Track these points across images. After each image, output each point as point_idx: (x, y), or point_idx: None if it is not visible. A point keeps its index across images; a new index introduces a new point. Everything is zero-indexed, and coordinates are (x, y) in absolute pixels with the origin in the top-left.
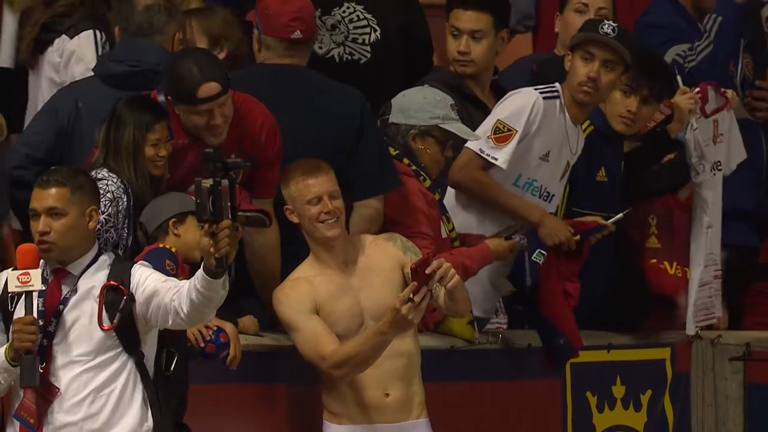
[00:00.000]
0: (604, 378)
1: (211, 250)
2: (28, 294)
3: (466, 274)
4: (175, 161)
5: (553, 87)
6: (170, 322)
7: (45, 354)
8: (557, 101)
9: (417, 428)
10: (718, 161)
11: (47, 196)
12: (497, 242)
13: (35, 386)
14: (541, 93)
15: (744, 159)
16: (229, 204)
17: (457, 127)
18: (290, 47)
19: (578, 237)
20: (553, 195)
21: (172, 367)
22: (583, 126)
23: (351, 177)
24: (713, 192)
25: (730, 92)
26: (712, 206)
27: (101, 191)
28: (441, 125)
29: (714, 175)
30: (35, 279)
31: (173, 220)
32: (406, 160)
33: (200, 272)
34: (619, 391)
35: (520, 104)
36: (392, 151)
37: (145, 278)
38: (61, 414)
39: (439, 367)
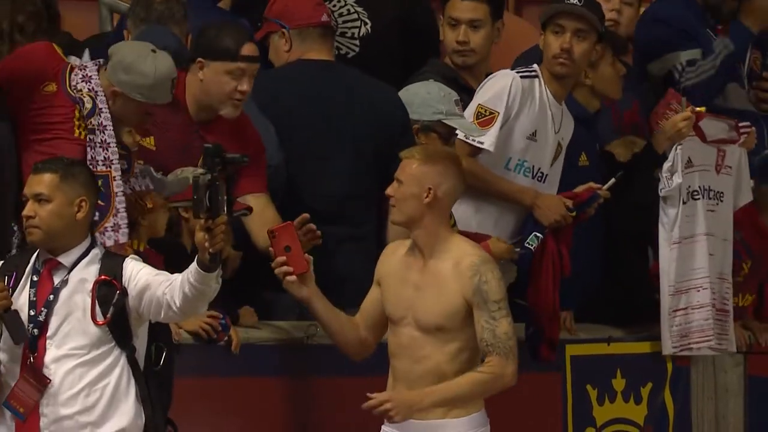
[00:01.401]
0: (604, 371)
1: (206, 244)
2: None
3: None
4: (161, 137)
5: (531, 67)
6: (162, 315)
7: (37, 344)
8: (536, 80)
9: (445, 428)
10: (721, 192)
11: (37, 182)
12: (496, 244)
13: (28, 338)
14: (518, 73)
15: (749, 201)
16: (225, 198)
17: (460, 123)
18: (322, 34)
19: (574, 213)
20: (547, 175)
21: (161, 361)
22: None
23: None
24: (693, 216)
25: (752, 131)
26: (680, 227)
27: None
28: (444, 121)
29: (717, 205)
30: None
31: None
32: None
33: (194, 266)
34: (619, 384)
35: (498, 86)
36: None
37: (137, 272)
38: (56, 407)
39: None
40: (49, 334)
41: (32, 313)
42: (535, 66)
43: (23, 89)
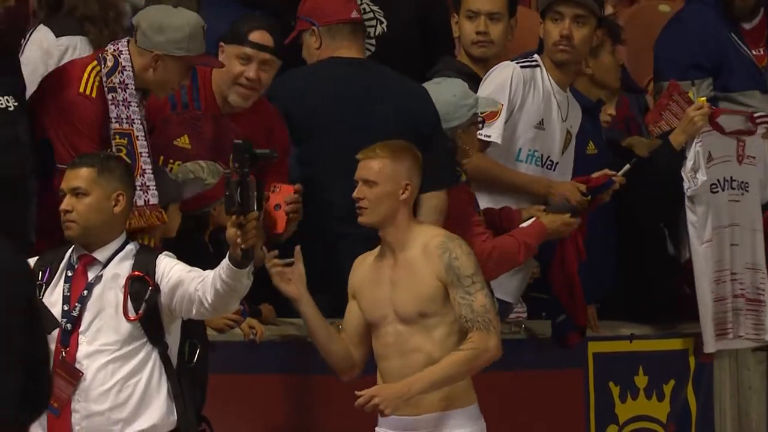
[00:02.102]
0: (626, 368)
1: (238, 240)
2: None
3: (528, 251)
4: (195, 135)
5: (531, 57)
6: (194, 311)
7: (69, 339)
8: (537, 69)
9: (444, 419)
10: (745, 182)
11: (75, 177)
12: (551, 218)
13: (60, 326)
14: (518, 63)
15: None
16: (255, 194)
17: (484, 102)
18: (353, 31)
19: (589, 197)
20: (557, 163)
21: (195, 358)
22: None
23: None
24: (717, 209)
25: None
26: (711, 222)
27: None
28: (478, 111)
29: (743, 194)
30: None
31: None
32: None
33: (225, 262)
34: (641, 381)
35: (499, 78)
36: None
37: (170, 269)
38: (88, 403)
39: None
40: (81, 329)
41: (66, 308)
42: (536, 56)
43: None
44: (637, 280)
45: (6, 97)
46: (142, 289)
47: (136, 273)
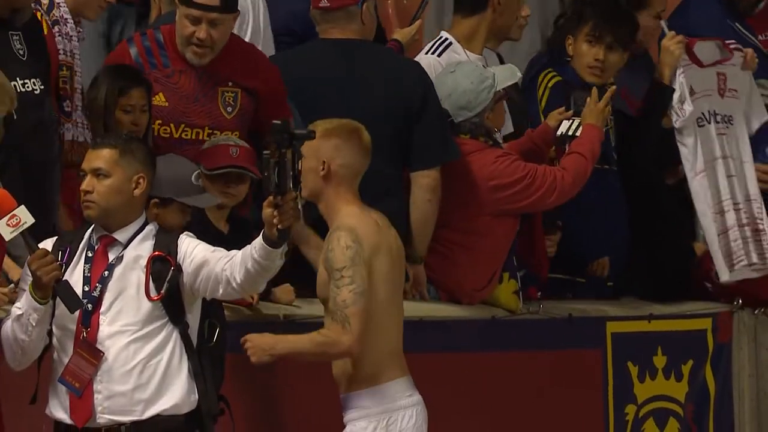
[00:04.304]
0: (645, 348)
1: (275, 221)
2: (26, 233)
3: (593, 157)
4: (169, 91)
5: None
6: (221, 291)
7: (90, 319)
8: None
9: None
10: (729, 115)
11: (96, 157)
12: (593, 113)
13: (84, 307)
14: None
15: (766, 119)
16: (292, 174)
17: (501, 76)
18: (324, 15)
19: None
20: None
21: (215, 338)
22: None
23: (411, 147)
24: (707, 141)
25: (749, 51)
26: (703, 153)
27: None
28: (500, 88)
29: (727, 128)
30: (23, 215)
31: (155, 200)
32: (482, 137)
33: (258, 241)
34: (660, 361)
35: None
36: (465, 137)
37: (192, 248)
38: (111, 383)
39: (479, 337)
40: (102, 309)
41: (86, 288)
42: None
43: None
44: (654, 259)
45: (33, 80)
46: (163, 269)
47: (158, 253)
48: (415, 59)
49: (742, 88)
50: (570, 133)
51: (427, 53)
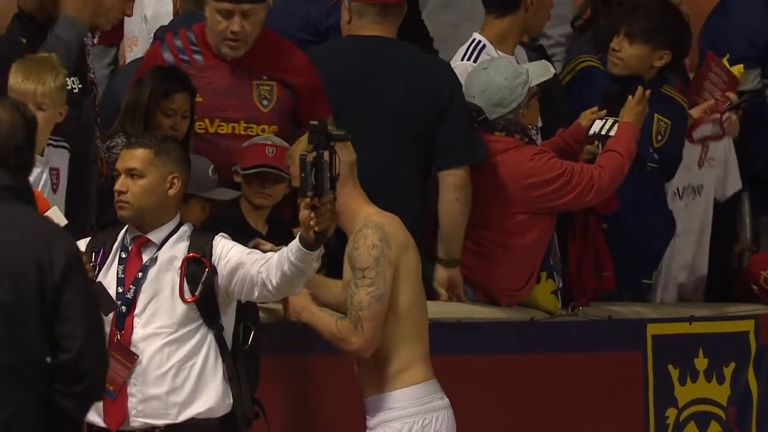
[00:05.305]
0: (686, 350)
1: (311, 223)
2: None
3: (630, 155)
4: (203, 87)
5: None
6: (257, 294)
7: (124, 322)
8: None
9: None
10: (701, 185)
11: (130, 157)
12: (631, 112)
13: (117, 309)
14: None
15: (739, 189)
16: (329, 175)
17: (535, 72)
18: (382, 12)
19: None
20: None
21: (250, 341)
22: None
23: (438, 146)
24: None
25: (733, 119)
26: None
27: (114, 158)
28: (535, 84)
29: (693, 199)
30: (56, 217)
31: None
32: (517, 134)
33: (295, 244)
34: (701, 363)
35: None
36: (500, 134)
37: (228, 250)
38: (145, 387)
39: (518, 339)
40: (136, 312)
41: (120, 290)
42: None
43: None
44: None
45: (72, 78)
46: (198, 270)
47: (193, 254)
48: (452, 65)
49: (719, 156)
50: (604, 132)
51: (462, 59)
